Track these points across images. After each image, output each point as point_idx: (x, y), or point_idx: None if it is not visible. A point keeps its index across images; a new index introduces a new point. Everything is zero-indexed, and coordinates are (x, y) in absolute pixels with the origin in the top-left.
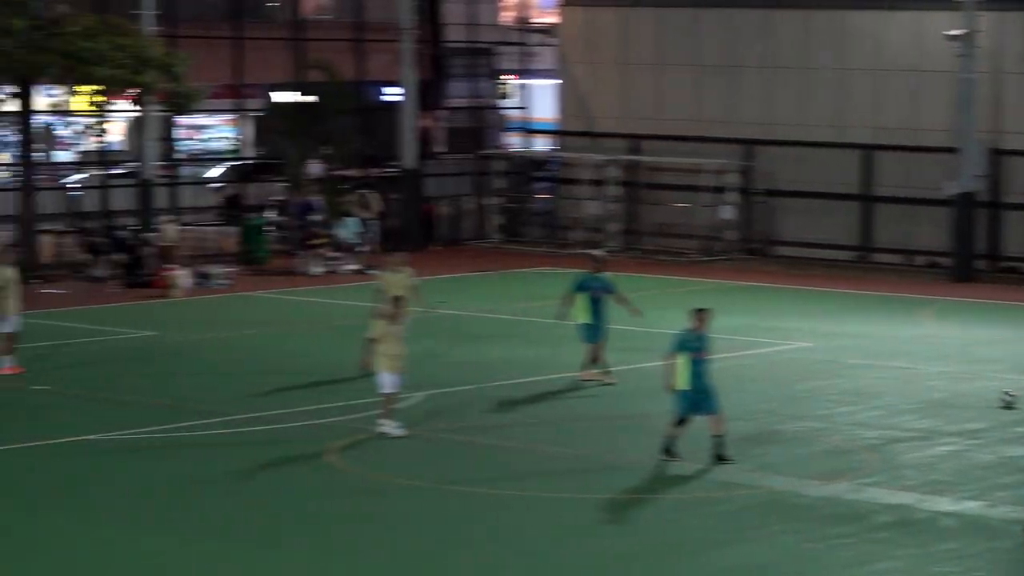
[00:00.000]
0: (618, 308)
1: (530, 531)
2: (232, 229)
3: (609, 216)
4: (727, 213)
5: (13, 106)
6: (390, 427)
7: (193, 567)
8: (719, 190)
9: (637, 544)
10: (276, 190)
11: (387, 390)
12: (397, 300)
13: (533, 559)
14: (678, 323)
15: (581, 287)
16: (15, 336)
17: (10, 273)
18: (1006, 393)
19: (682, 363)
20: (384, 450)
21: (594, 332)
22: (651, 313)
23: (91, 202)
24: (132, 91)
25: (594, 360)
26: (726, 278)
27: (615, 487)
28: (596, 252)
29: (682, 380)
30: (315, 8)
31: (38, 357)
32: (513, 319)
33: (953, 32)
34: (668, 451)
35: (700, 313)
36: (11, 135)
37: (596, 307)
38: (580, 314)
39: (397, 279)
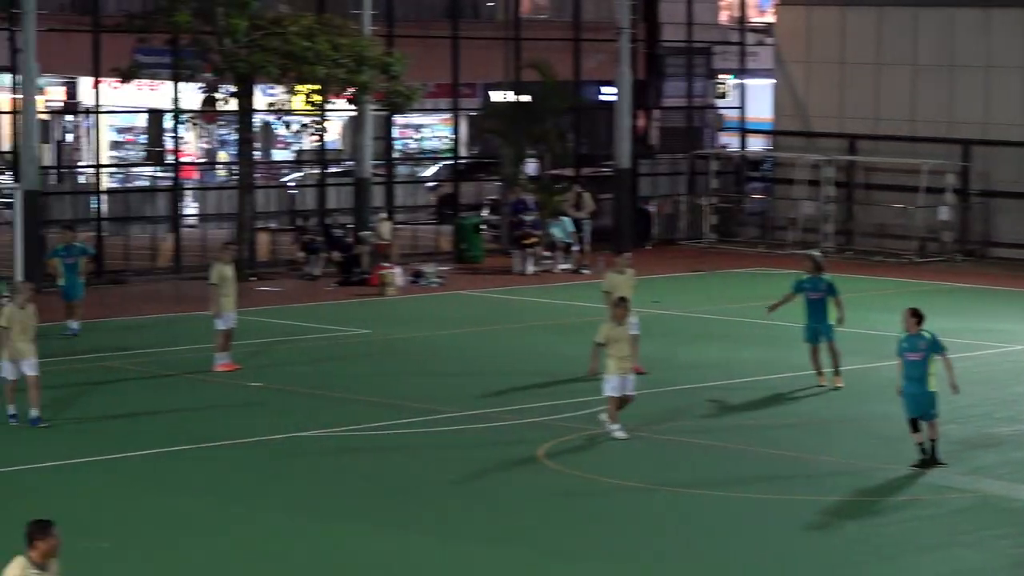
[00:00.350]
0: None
1: (741, 534)
2: (446, 228)
3: (824, 216)
4: (943, 214)
5: (233, 105)
6: (613, 429)
7: (415, 565)
8: (936, 191)
9: (847, 547)
10: (490, 189)
11: (610, 393)
12: (621, 301)
13: (745, 562)
14: (890, 325)
15: (798, 288)
16: (231, 333)
17: (228, 271)
18: None
19: (900, 365)
20: (600, 451)
21: (812, 334)
22: (866, 315)
23: (307, 200)
24: (350, 90)
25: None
26: (942, 280)
27: (827, 490)
28: (814, 253)
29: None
30: (532, 7)
31: (253, 354)
32: (727, 319)
33: None
34: (921, 460)
35: (906, 313)
36: (230, 134)
37: (814, 309)
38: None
39: (622, 280)
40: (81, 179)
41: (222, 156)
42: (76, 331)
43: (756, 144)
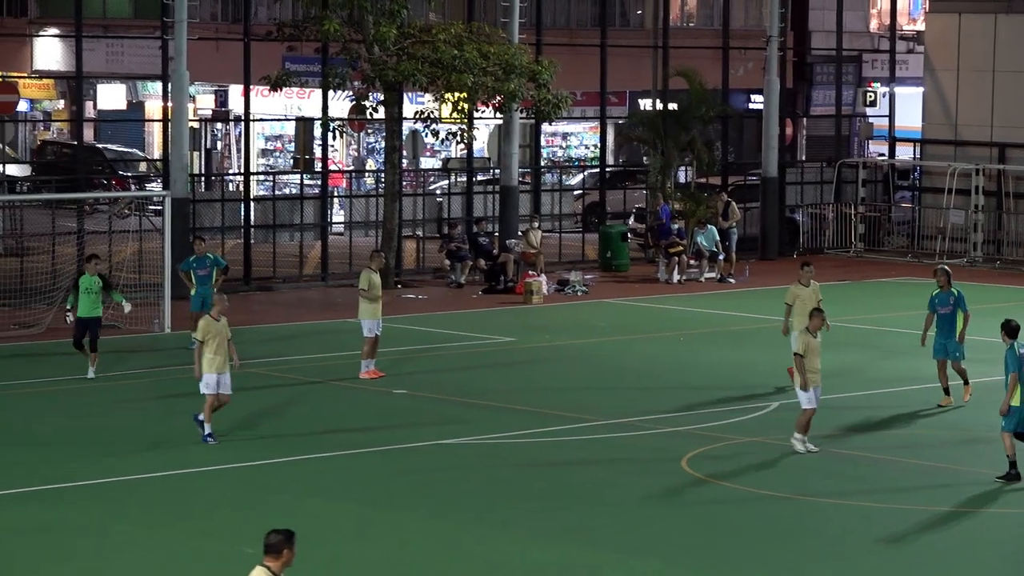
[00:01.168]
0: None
1: (883, 544)
2: (592, 236)
3: (973, 226)
4: None
5: (381, 113)
6: (799, 443)
7: (559, 573)
8: None
9: (989, 557)
10: (637, 197)
11: (805, 405)
12: (817, 312)
13: (887, 573)
14: None
15: (932, 305)
16: (376, 341)
17: (376, 278)
18: None
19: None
20: (743, 460)
21: (940, 349)
22: None
23: (454, 208)
24: (498, 98)
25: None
26: None
27: (952, 500)
28: (941, 267)
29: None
30: (680, 15)
31: (398, 362)
32: (873, 329)
33: None
34: (1008, 473)
35: (1004, 326)
36: (378, 142)
37: (943, 324)
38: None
39: (807, 292)
40: (230, 187)
41: (370, 164)
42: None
43: (905, 153)
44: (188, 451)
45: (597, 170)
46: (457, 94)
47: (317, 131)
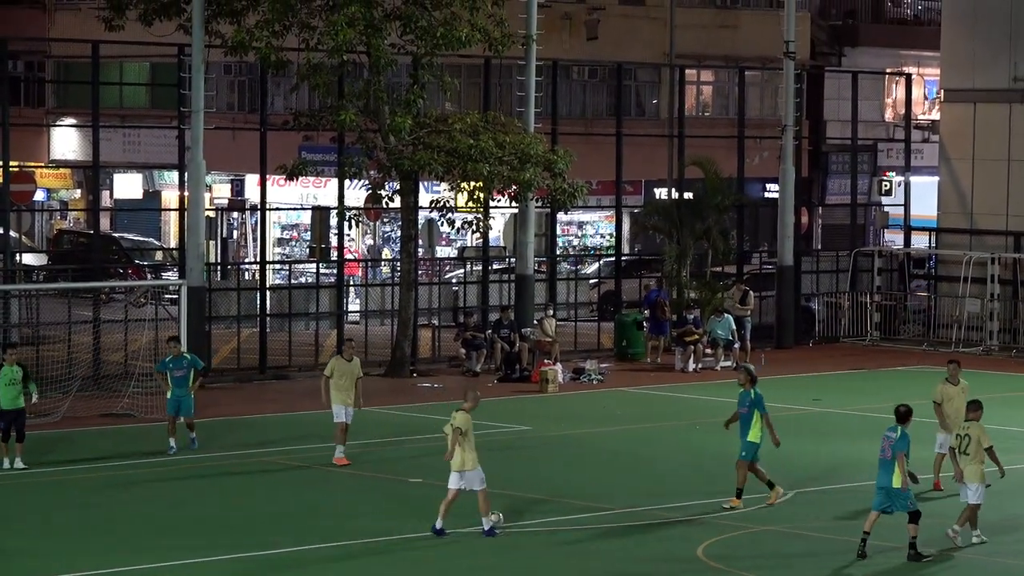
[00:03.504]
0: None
1: None
2: (608, 325)
3: (989, 314)
4: None
5: (397, 202)
6: (975, 537)
7: None
8: None
9: None
10: (652, 286)
11: (973, 501)
12: (973, 404)
13: None
14: None
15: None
16: (346, 428)
17: (344, 366)
18: None
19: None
20: (760, 549)
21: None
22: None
23: (470, 297)
24: (513, 187)
25: None
26: None
27: None
28: (749, 366)
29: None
30: (695, 105)
31: (414, 451)
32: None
33: None
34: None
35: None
36: (394, 231)
37: (741, 423)
38: None
39: (956, 391)
40: (246, 275)
41: (386, 253)
42: (178, 448)
43: (920, 241)
44: (201, 540)
45: (613, 259)
46: (473, 183)
47: (333, 220)
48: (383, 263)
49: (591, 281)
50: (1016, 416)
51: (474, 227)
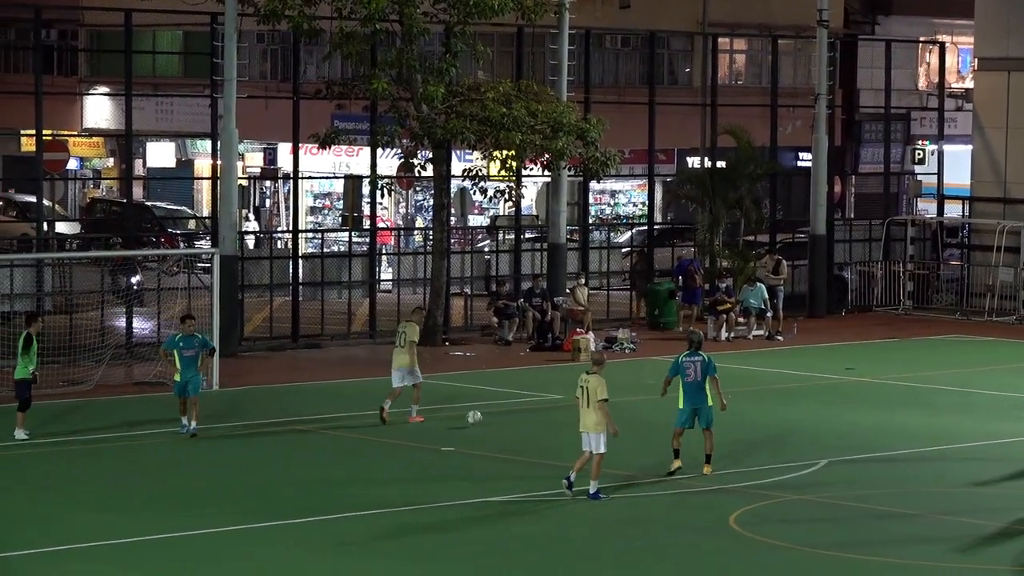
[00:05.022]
0: None
1: None
2: (640, 294)
3: (1022, 283)
4: None
5: (429, 171)
6: None
7: None
8: None
9: None
10: (685, 255)
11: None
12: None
13: None
14: None
15: (676, 369)
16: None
17: (416, 331)
18: None
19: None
20: (793, 517)
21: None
22: None
23: (502, 266)
24: (546, 156)
25: None
26: None
27: (1014, 559)
28: (693, 331)
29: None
30: (729, 73)
31: (447, 419)
32: (922, 387)
33: None
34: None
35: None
36: (427, 199)
37: (690, 390)
38: None
39: None
40: (278, 244)
41: (418, 222)
42: (193, 431)
43: (953, 210)
44: (235, 508)
45: (645, 227)
46: (505, 152)
47: (366, 189)
48: (415, 232)
49: (624, 250)
50: None
51: (506, 196)
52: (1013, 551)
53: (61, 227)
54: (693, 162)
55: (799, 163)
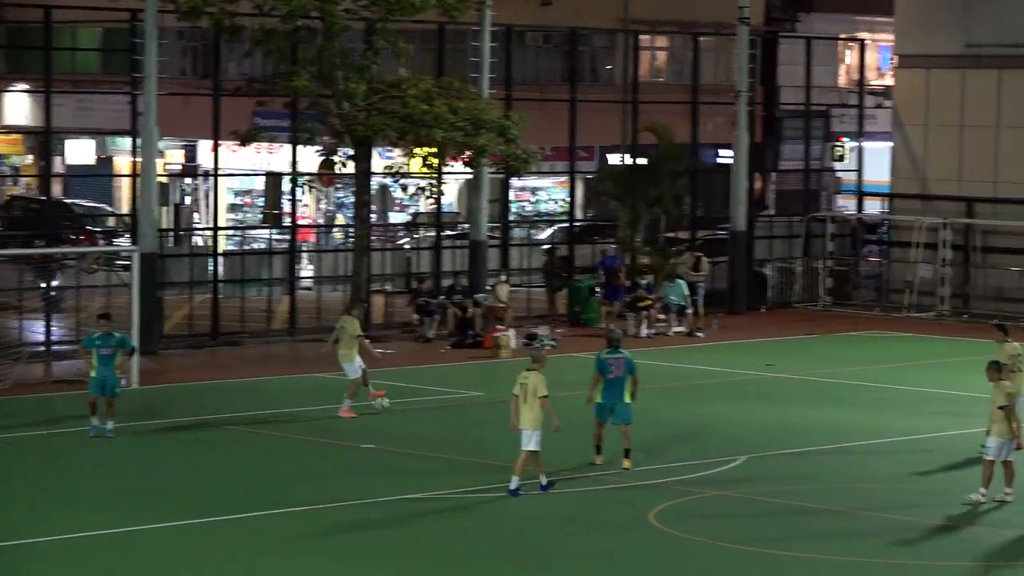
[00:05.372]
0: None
1: None
2: (552, 292)
3: (941, 280)
4: None
5: (350, 168)
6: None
7: None
8: None
9: None
10: (606, 252)
11: (991, 456)
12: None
13: None
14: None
15: (601, 366)
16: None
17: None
18: None
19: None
20: (712, 513)
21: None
22: (979, 380)
23: (423, 263)
24: (467, 153)
25: None
26: None
27: (933, 554)
28: (612, 328)
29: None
30: (650, 70)
31: (366, 416)
32: (841, 383)
33: None
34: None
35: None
36: (347, 197)
37: (609, 386)
38: None
39: (1008, 350)
40: (198, 241)
41: (339, 219)
42: (110, 432)
43: (873, 207)
44: (144, 507)
45: (566, 224)
46: (426, 149)
47: (286, 186)
48: (336, 229)
49: (544, 247)
50: (967, 381)
51: (428, 193)
52: (939, 546)
53: None
54: (614, 159)
55: (720, 160)
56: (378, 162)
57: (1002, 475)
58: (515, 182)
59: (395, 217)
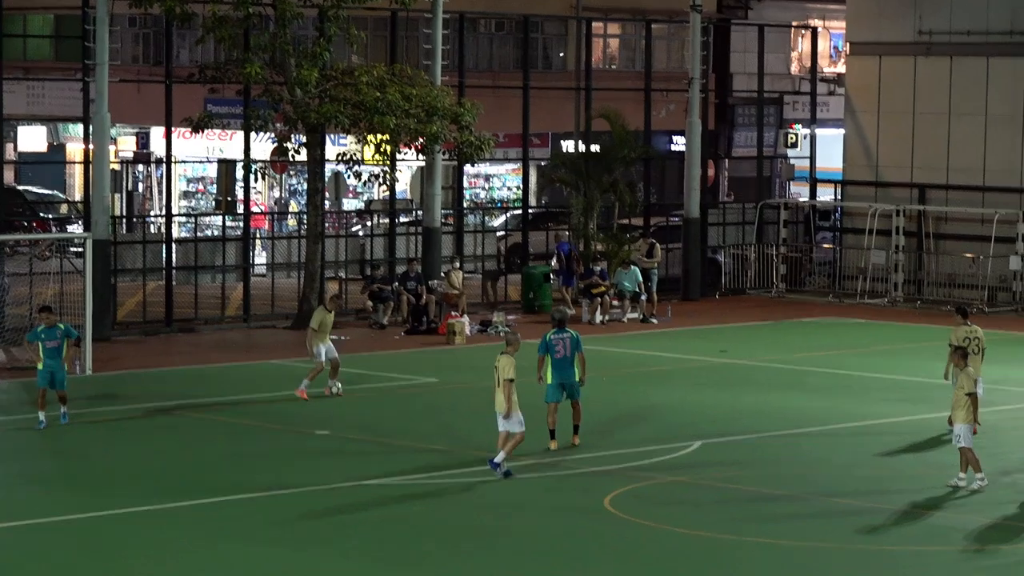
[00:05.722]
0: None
1: None
2: (515, 277)
3: (894, 266)
4: (1014, 264)
5: (303, 155)
6: (974, 481)
7: None
8: (1006, 240)
9: None
10: (559, 239)
11: (962, 444)
12: (957, 350)
13: None
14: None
15: (545, 347)
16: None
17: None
18: None
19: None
20: (667, 499)
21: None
22: (932, 364)
23: (376, 250)
24: (420, 140)
25: None
26: (1012, 329)
27: (877, 539)
28: (562, 309)
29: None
30: (602, 58)
31: (320, 402)
32: (794, 369)
33: None
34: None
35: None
36: (300, 184)
37: (559, 365)
38: None
39: (962, 333)
40: (151, 228)
41: (292, 206)
42: (65, 419)
43: (826, 194)
44: (100, 493)
45: (520, 211)
46: (379, 136)
47: (239, 173)
48: (290, 216)
49: (498, 234)
50: (921, 367)
51: (381, 180)
52: (897, 531)
53: None
54: (567, 146)
55: (673, 147)
56: (331, 149)
57: (959, 461)
58: (469, 169)
59: (348, 204)
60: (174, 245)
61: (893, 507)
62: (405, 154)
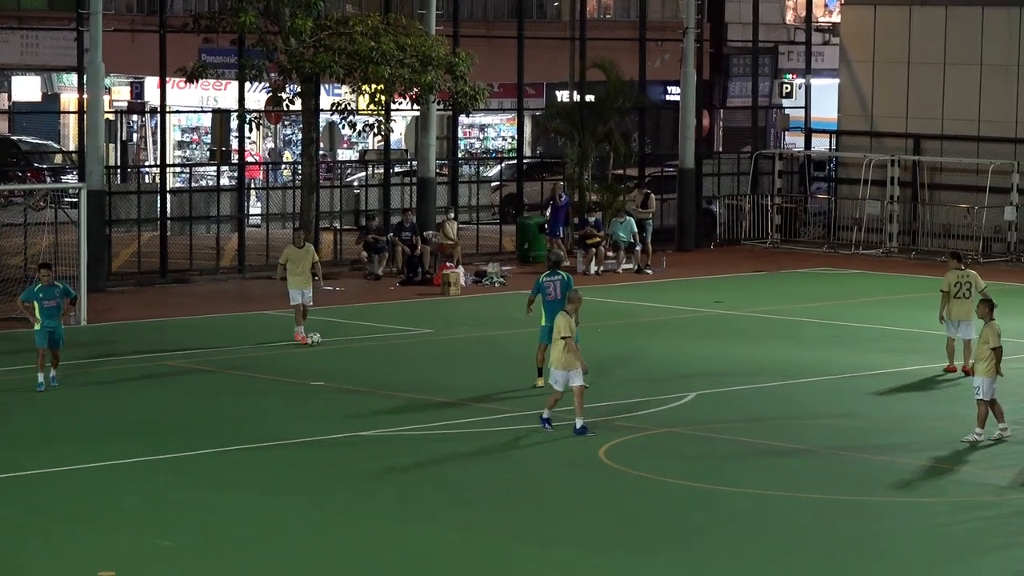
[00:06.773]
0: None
1: (797, 533)
2: (509, 228)
3: (888, 217)
4: (1009, 214)
5: (298, 105)
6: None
7: (472, 565)
8: (1001, 191)
9: (912, 547)
10: (556, 190)
11: (981, 395)
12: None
13: (802, 562)
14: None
15: (538, 288)
16: (304, 309)
17: (295, 253)
18: None
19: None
20: (660, 450)
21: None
22: (928, 315)
23: (371, 200)
24: (415, 90)
25: None
26: (1007, 280)
27: (890, 491)
28: (558, 252)
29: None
30: (597, 7)
31: (316, 353)
32: (790, 319)
33: None
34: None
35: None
36: (295, 134)
37: (551, 308)
38: None
39: (953, 277)
40: (146, 179)
41: (287, 156)
42: (54, 382)
43: (821, 144)
44: (102, 445)
45: (514, 162)
46: (374, 86)
47: (234, 123)
48: (284, 166)
49: (493, 184)
50: (915, 317)
51: (376, 130)
52: (893, 481)
53: None
54: (562, 96)
55: (668, 97)
56: (325, 99)
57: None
58: (463, 119)
59: (343, 154)
60: (169, 195)
61: (888, 458)
62: (400, 104)
